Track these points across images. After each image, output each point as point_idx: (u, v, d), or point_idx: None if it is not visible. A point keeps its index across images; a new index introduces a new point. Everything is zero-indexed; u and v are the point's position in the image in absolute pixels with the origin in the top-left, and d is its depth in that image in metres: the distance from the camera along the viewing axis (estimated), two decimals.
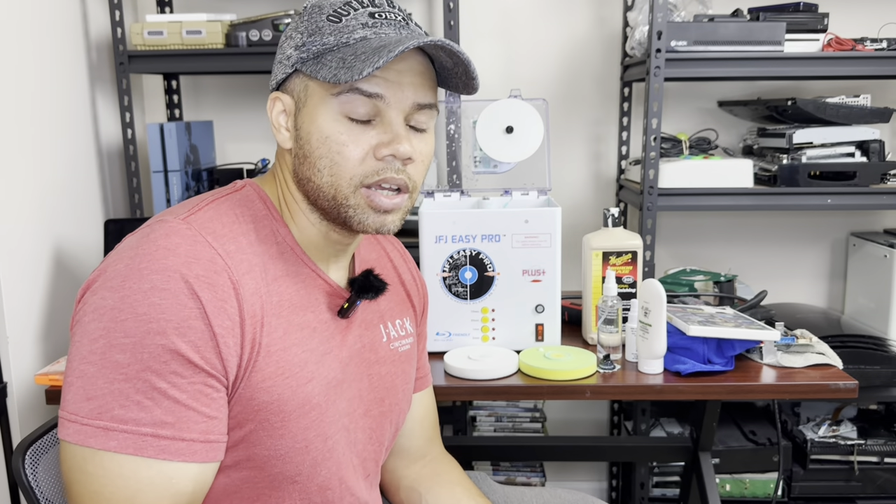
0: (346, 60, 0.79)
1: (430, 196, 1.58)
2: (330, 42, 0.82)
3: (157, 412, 0.73)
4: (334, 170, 0.82)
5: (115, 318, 0.73)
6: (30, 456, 0.97)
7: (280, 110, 0.86)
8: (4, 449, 1.51)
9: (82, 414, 0.73)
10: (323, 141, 0.82)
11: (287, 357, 0.82)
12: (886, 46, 1.88)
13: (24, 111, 1.62)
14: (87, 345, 0.74)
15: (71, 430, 0.73)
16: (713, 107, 2.23)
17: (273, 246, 0.85)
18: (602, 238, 1.49)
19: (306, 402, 0.84)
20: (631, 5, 2.13)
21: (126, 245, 0.79)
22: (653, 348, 1.32)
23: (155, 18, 1.93)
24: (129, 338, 0.73)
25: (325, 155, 0.82)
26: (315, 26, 0.83)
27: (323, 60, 0.81)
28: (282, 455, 0.83)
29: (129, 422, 0.73)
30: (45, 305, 1.64)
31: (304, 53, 0.83)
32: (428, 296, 1.14)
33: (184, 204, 0.85)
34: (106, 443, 0.72)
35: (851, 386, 1.30)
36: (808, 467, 2.10)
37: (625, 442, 2.16)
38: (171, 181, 1.94)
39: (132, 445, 0.73)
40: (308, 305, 0.87)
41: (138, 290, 0.74)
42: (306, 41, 0.83)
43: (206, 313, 0.75)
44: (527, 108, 1.55)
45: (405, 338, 1.03)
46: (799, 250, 2.32)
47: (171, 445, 0.74)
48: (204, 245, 0.78)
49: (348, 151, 0.82)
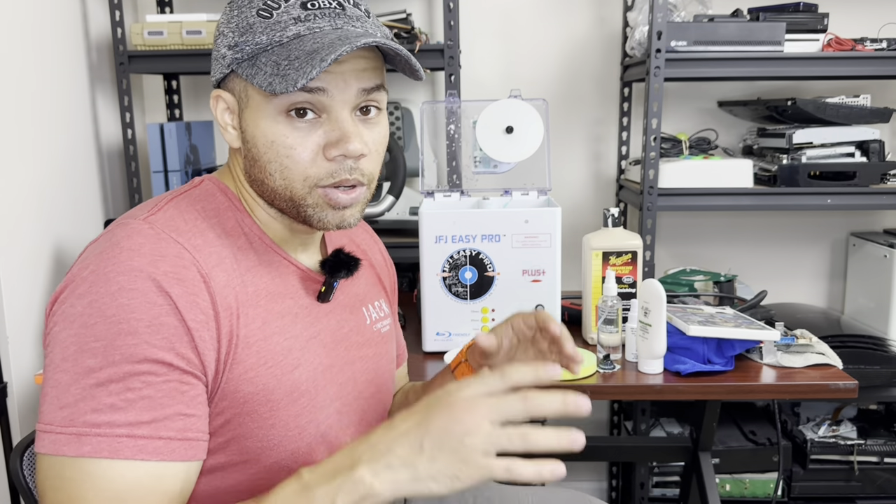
0: (280, 66, 0.76)
1: (430, 196, 1.58)
2: (263, 41, 0.78)
3: (131, 413, 0.71)
4: (285, 174, 0.80)
5: (84, 323, 0.72)
6: (29, 456, 0.97)
7: (224, 108, 0.84)
8: (4, 449, 1.51)
9: (56, 423, 0.71)
10: (269, 145, 0.80)
11: (268, 346, 0.82)
12: (886, 46, 1.88)
13: (24, 111, 1.62)
14: (58, 353, 0.73)
15: (46, 441, 0.71)
16: (713, 107, 2.23)
17: (241, 237, 0.84)
18: (602, 238, 1.49)
19: (294, 389, 0.83)
20: (631, 5, 2.13)
21: (89, 252, 0.77)
22: (653, 348, 1.32)
23: (155, 18, 1.93)
24: (100, 341, 0.71)
25: (273, 159, 0.80)
26: (246, 23, 0.79)
27: (257, 63, 0.78)
28: (275, 445, 0.82)
29: (103, 425, 0.70)
30: (44, 305, 1.64)
31: (238, 54, 0.80)
32: (396, 274, 1.13)
33: (143, 205, 0.83)
34: (80, 448, 0.70)
35: (851, 386, 1.30)
36: (808, 467, 2.10)
37: (625, 442, 2.16)
38: (172, 181, 1.94)
39: (107, 448, 0.70)
40: (286, 293, 0.86)
41: (106, 294, 0.72)
42: (238, 41, 0.80)
43: (178, 308, 0.74)
44: (527, 108, 1.55)
45: (384, 318, 1.03)
46: (799, 250, 2.32)
47: (149, 445, 0.72)
48: (169, 241, 0.76)
49: (297, 154, 0.79)
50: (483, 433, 0.65)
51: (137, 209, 0.82)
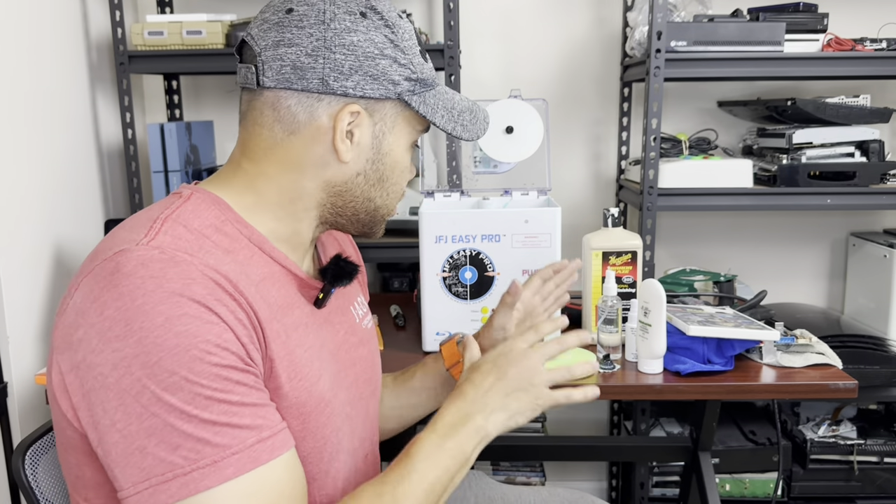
0: (453, 114, 0.88)
1: (430, 196, 1.58)
2: (427, 82, 0.87)
3: (246, 421, 0.71)
4: (397, 194, 0.91)
5: (146, 363, 0.68)
6: (30, 456, 0.97)
7: (351, 121, 0.83)
8: (5, 449, 1.51)
9: (179, 465, 0.68)
10: (402, 170, 0.90)
11: (294, 360, 0.81)
12: (886, 46, 1.88)
13: (24, 111, 1.62)
14: (132, 402, 0.68)
15: (174, 488, 0.68)
16: (713, 107, 2.24)
17: (243, 250, 0.81)
18: (602, 238, 1.49)
19: (321, 400, 0.84)
20: (631, 5, 2.13)
21: (97, 289, 0.71)
22: (653, 348, 1.32)
23: (155, 19, 1.93)
24: (176, 374, 0.68)
25: (397, 181, 0.90)
26: (418, 61, 0.86)
27: (427, 101, 0.86)
28: (304, 457, 0.82)
29: (234, 444, 0.70)
30: (45, 305, 1.64)
31: (413, 87, 0.85)
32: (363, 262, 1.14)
33: (133, 226, 0.77)
34: (222, 473, 0.69)
35: (851, 386, 1.30)
36: (808, 467, 2.10)
37: (625, 442, 2.16)
38: (172, 181, 1.94)
39: (249, 461, 0.70)
40: (292, 303, 0.85)
41: (154, 327, 0.68)
42: (418, 77, 0.86)
43: (230, 326, 0.72)
44: (527, 108, 1.55)
45: (367, 314, 1.05)
46: (799, 250, 2.32)
47: (277, 440, 0.74)
48: (189, 263, 0.72)
49: (405, 180, 0.92)
50: (542, 373, 0.90)
51: (127, 233, 0.76)
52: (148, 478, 0.68)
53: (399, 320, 1.70)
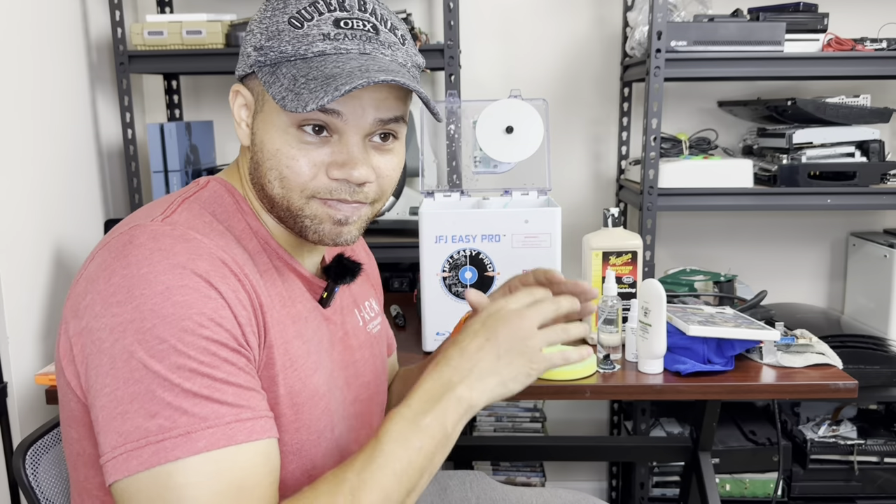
0: (297, 82, 0.76)
1: (430, 196, 1.58)
2: (287, 51, 0.78)
3: (229, 399, 0.70)
4: (284, 183, 0.80)
5: (139, 328, 0.69)
6: (30, 456, 0.97)
7: (241, 104, 0.83)
8: (4, 449, 1.51)
9: (154, 432, 0.67)
10: (274, 153, 0.79)
11: (291, 349, 0.82)
12: (886, 46, 1.88)
13: (24, 111, 1.62)
14: (122, 366, 0.69)
15: (146, 455, 0.67)
16: (713, 107, 2.24)
17: (251, 241, 0.83)
18: (602, 238, 1.49)
19: (315, 392, 0.84)
20: (631, 5, 2.13)
21: (108, 258, 0.73)
22: (653, 348, 1.32)
23: (155, 18, 1.93)
24: (166, 342, 0.69)
25: (274, 167, 0.80)
26: (276, 28, 0.78)
27: (277, 72, 0.78)
28: (297, 449, 0.82)
29: (210, 417, 0.68)
30: (45, 305, 1.64)
31: (262, 57, 0.79)
32: (377, 268, 1.14)
33: (150, 208, 0.80)
34: (194, 445, 0.67)
35: (851, 386, 1.30)
36: (808, 467, 2.10)
37: (625, 442, 2.16)
38: (172, 181, 1.94)
39: (223, 437, 0.69)
40: (295, 297, 0.86)
41: (153, 294, 0.69)
42: (264, 44, 0.79)
43: (229, 304, 0.73)
44: (527, 108, 1.55)
45: (375, 318, 1.04)
46: (799, 250, 2.32)
47: (256, 425, 0.71)
48: (197, 241, 0.74)
49: (298, 166, 0.79)
50: (537, 334, 0.79)
51: (145, 212, 0.80)
52: (124, 443, 0.68)
53: (399, 320, 1.70)
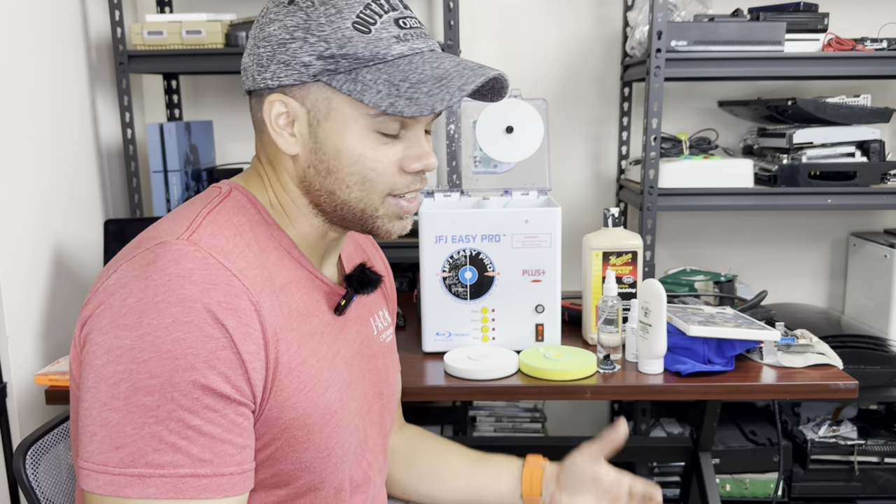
0: (400, 87, 0.76)
1: (430, 196, 1.58)
2: (364, 56, 0.77)
3: (194, 451, 0.70)
4: (366, 186, 0.82)
5: (135, 358, 0.69)
6: (31, 456, 0.97)
7: (280, 113, 0.81)
8: (4, 449, 1.51)
9: (112, 464, 0.69)
10: (355, 160, 0.80)
11: (305, 370, 0.81)
12: (886, 46, 1.88)
13: (23, 111, 1.62)
14: (106, 390, 0.70)
15: (101, 482, 0.69)
16: (713, 107, 2.23)
17: (273, 252, 0.83)
18: (602, 238, 1.49)
19: (326, 411, 0.83)
20: (631, 5, 2.13)
21: (130, 275, 0.73)
22: (653, 348, 1.32)
23: (155, 18, 1.93)
24: (156, 378, 0.69)
25: (356, 172, 0.81)
26: (342, 35, 0.77)
27: (361, 79, 0.77)
28: (307, 467, 0.82)
29: (166, 465, 0.69)
30: (45, 305, 1.64)
31: (332, 66, 0.77)
32: (394, 280, 1.14)
33: (177, 219, 0.80)
34: (143, 490, 0.69)
35: (851, 386, 1.30)
36: (809, 467, 2.10)
37: (625, 442, 2.16)
38: (171, 181, 1.94)
39: (172, 489, 0.69)
40: (313, 310, 0.85)
41: (159, 327, 0.70)
42: (336, 53, 0.77)
43: (234, 341, 0.72)
44: (527, 108, 1.55)
45: (388, 328, 1.03)
46: (799, 250, 2.32)
47: (212, 483, 0.71)
48: (218, 268, 0.74)
49: (382, 168, 0.81)
50: None
51: (172, 224, 0.79)
52: (87, 460, 0.70)
53: (399, 320, 1.70)
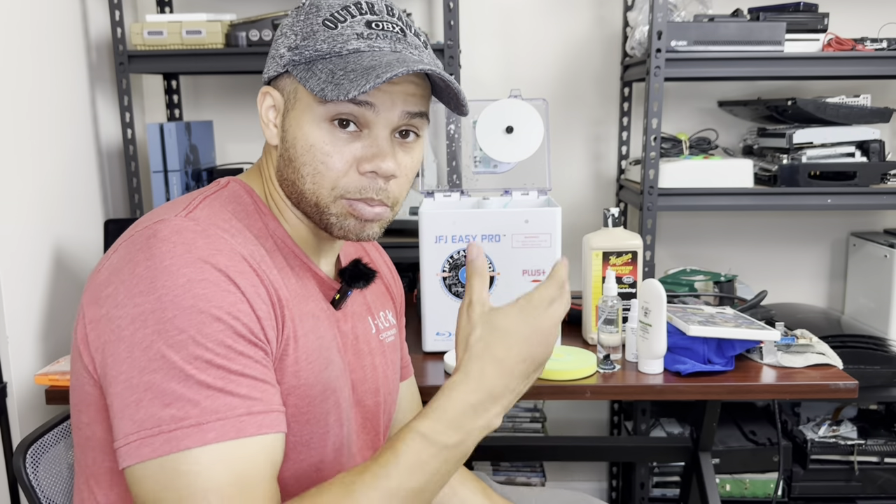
0: (336, 75, 0.79)
1: (430, 196, 1.58)
2: (322, 49, 0.81)
3: (242, 391, 0.72)
4: (316, 178, 0.83)
5: (160, 318, 0.71)
6: (31, 455, 0.97)
7: (269, 105, 0.86)
8: (4, 449, 1.51)
9: (166, 422, 0.70)
10: (308, 149, 0.82)
11: (306, 343, 0.84)
12: (886, 46, 1.88)
13: (23, 111, 1.62)
14: (140, 355, 0.71)
15: (157, 444, 0.69)
16: (713, 107, 2.23)
17: (268, 240, 0.86)
18: (602, 238, 1.49)
19: (327, 386, 0.86)
20: (631, 5, 2.13)
21: (133, 250, 0.76)
22: (653, 348, 1.32)
23: (155, 18, 1.93)
24: (185, 332, 0.71)
25: (308, 162, 0.82)
26: (310, 29, 0.82)
27: (313, 68, 0.81)
28: (307, 441, 0.84)
29: (221, 409, 0.71)
30: (45, 305, 1.64)
31: (297, 56, 0.83)
32: (403, 289, 1.15)
33: (172, 205, 0.83)
34: (204, 437, 0.69)
35: (851, 386, 1.30)
36: (809, 467, 2.10)
37: (625, 442, 2.16)
38: (171, 181, 1.94)
39: (232, 430, 0.71)
40: (308, 296, 0.88)
41: (175, 286, 0.72)
42: (300, 44, 0.83)
43: (247, 298, 0.75)
44: (527, 108, 1.55)
45: (390, 329, 1.05)
46: (799, 250, 2.32)
47: (266, 419, 0.73)
48: (217, 236, 0.77)
49: (332, 162, 0.82)
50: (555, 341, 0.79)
51: (167, 208, 0.82)
52: (138, 430, 0.70)
53: None
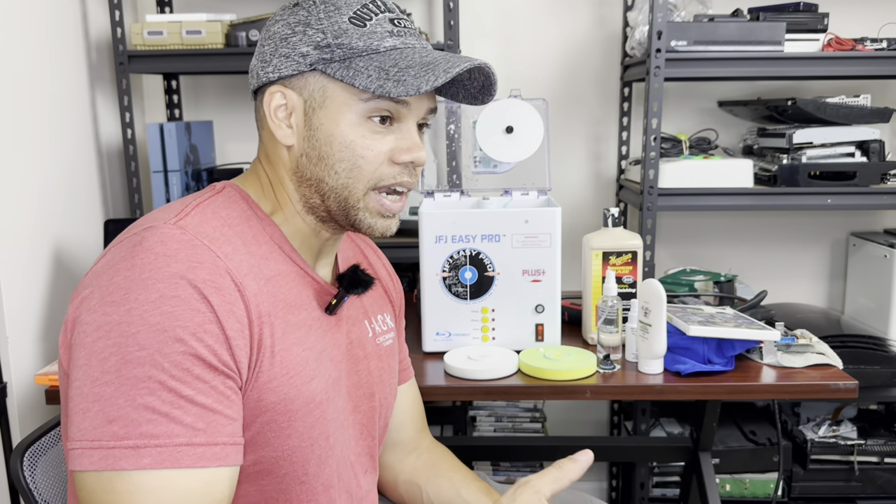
0: (390, 73, 0.80)
1: (430, 196, 1.58)
2: (358, 46, 0.82)
3: (187, 420, 0.71)
4: (353, 173, 0.84)
5: (124, 332, 0.71)
6: (28, 457, 0.97)
7: (279, 104, 0.85)
8: (4, 449, 1.51)
9: (106, 438, 0.70)
10: (347, 144, 0.83)
11: (290, 357, 0.82)
12: (886, 46, 1.88)
13: (23, 111, 1.62)
14: (96, 365, 0.71)
15: (95, 458, 0.70)
16: (713, 107, 2.23)
17: (263, 245, 0.85)
18: (602, 238, 1.49)
19: (310, 400, 0.84)
20: (631, 5, 2.13)
21: (117, 257, 0.76)
22: (653, 348, 1.32)
23: (155, 18, 1.93)
24: (145, 350, 0.70)
25: (346, 158, 0.83)
26: (338, 27, 0.82)
27: (353, 66, 0.81)
28: (289, 455, 0.83)
29: (161, 436, 0.70)
30: (44, 305, 1.64)
31: (328, 55, 0.82)
32: (402, 291, 1.15)
33: (166, 209, 0.82)
34: (138, 461, 0.69)
35: (851, 386, 1.30)
36: (808, 467, 2.10)
37: (625, 442, 2.16)
38: (171, 181, 1.94)
39: (168, 458, 0.70)
40: (301, 304, 0.87)
41: (146, 301, 0.71)
42: (332, 42, 0.82)
43: (218, 317, 0.74)
44: (527, 108, 1.55)
45: (387, 332, 1.04)
46: (799, 250, 2.32)
47: (207, 451, 0.72)
48: (203, 248, 0.76)
49: (371, 155, 0.84)
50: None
51: (160, 213, 0.81)
52: (80, 439, 0.71)
53: None
